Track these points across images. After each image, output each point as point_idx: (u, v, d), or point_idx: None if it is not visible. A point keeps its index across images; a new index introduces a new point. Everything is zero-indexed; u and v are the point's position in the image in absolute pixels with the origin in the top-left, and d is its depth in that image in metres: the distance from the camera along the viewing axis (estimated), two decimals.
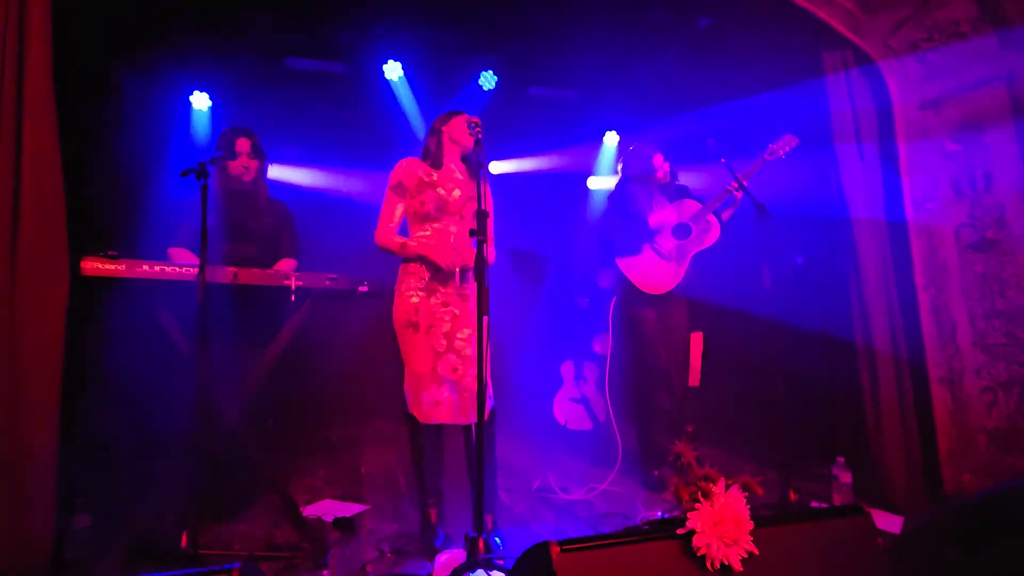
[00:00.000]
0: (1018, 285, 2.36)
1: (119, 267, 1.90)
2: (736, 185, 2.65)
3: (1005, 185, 2.41)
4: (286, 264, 2.54)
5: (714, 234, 2.78)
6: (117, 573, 1.88)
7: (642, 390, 2.92)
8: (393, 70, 3.82)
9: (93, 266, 1.86)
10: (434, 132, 2.28)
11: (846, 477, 2.40)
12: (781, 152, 2.67)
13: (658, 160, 2.94)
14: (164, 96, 3.46)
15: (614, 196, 2.99)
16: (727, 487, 1.22)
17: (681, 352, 2.94)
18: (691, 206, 2.84)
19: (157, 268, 1.94)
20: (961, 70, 2.53)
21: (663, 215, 2.88)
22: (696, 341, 3.03)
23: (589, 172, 4.56)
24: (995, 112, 2.45)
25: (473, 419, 2.08)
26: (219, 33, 3.30)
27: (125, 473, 2.42)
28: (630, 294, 2.87)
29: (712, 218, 2.78)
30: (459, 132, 2.24)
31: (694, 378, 3.00)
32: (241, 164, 2.43)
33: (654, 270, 2.82)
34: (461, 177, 2.27)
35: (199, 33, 3.25)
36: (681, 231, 2.81)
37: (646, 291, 2.81)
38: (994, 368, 2.42)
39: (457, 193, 2.22)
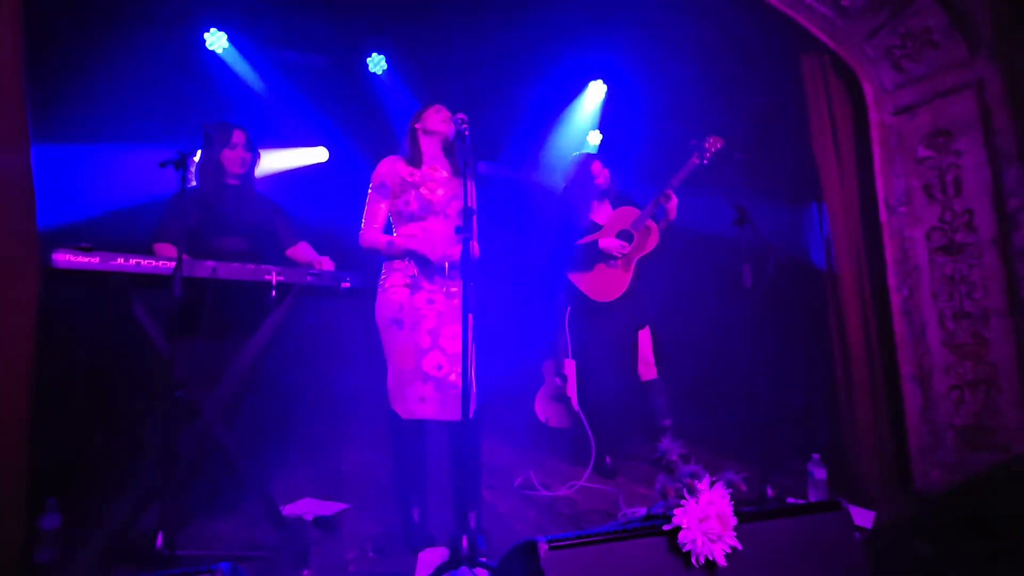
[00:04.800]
0: (985, 287, 2.44)
1: (92, 260, 1.84)
2: (669, 192, 2.83)
3: (974, 190, 2.49)
4: (304, 248, 2.54)
5: (654, 239, 2.94)
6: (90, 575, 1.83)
7: (595, 387, 3.10)
8: (377, 63, 3.79)
9: (65, 258, 1.80)
10: (409, 131, 2.30)
11: (821, 473, 2.45)
12: (708, 153, 2.81)
13: (596, 167, 3.10)
14: (144, 84, 3.36)
15: (559, 208, 3.16)
16: (712, 484, 1.24)
17: (628, 349, 3.08)
18: (631, 212, 3.00)
19: (133, 261, 1.88)
20: (933, 77, 2.61)
21: (605, 224, 3.04)
22: (644, 337, 3.12)
23: None
24: (965, 119, 2.53)
25: (457, 416, 2.08)
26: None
27: (98, 472, 2.35)
28: (582, 303, 3.05)
29: (651, 223, 2.94)
30: (432, 122, 2.25)
31: (648, 372, 3.09)
32: (238, 155, 2.42)
33: (603, 279, 2.98)
34: (444, 175, 2.27)
35: None
36: (624, 237, 2.96)
37: (596, 299, 2.98)
38: (962, 367, 2.50)
39: (441, 192, 2.23)
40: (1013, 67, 2.36)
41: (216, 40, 3.49)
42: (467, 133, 1.95)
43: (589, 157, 3.16)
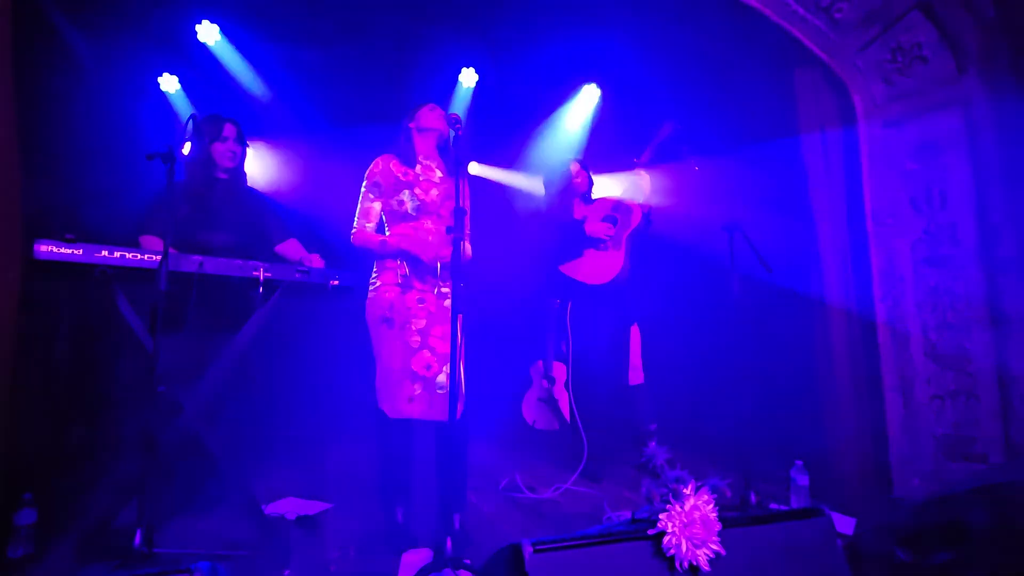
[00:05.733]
0: (968, 299, 2.48)
1: (76, 251, 1.81)
2: (639, 170, 3.01)
3: (958, 203, 2.54)
4: (294, 245, 2.51)
5: (637, 215, 3.07)
6: (65, 572, 1.79)
7: (586, 388, 3.12)
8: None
9: (48, 249, 1.77)
10: (403, 130, 2.29)
11: (803, 480, 2.48)
12: (665, 135, 2.97)
13: (575, 168, 3.22)
14: (130, 77, 3.31)
15: (543, 210, 3.26)
16: (696, 489, 1.25)
17: (621, 347, 3.13)
18: (609, 199, 3.14)
19: (117, 254, 1.85)
20: (922, 92, 2.65)
21: (587, 215, 3.14)
22: (634, 335, 3.15)
23: None
24: (952, 134, 2.57)
25: (445, 416, 2.07)
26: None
27: (77, 467, 2.31)
28: (580, 294, 3.09)
29: (631, 203, 3.07)
30: (427, 120, 2.25)
31: (636, 376, 3.11)
32: (229, 149, 2.39)
33: (597, 262, 3.06)
34: (440, 175, 2.27)
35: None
36: (609, 221, 3.08)
37: (594, 282, 3.03)
38: (943, 377, 2.54)
39: (435, 192, 2.23)
40: (1000, 85, 2.41)
41: (207, 32, 3.45)
42: (460, 132, 1.94)
43: (569, 160, 3.27)
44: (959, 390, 2.51)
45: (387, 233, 2.23)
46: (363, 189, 2.23)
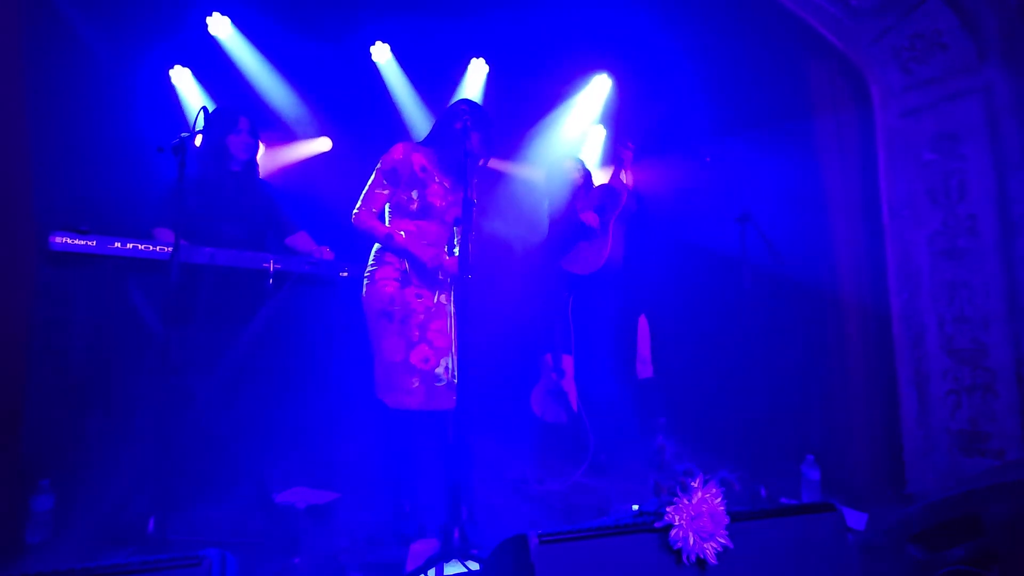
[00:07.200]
0: (986, 292, 2.43)
1: (90, 243, 1.83)
2: (629, 144, 3.13)
3: (978, 195, 2.48)
4: (304, 237, 2.55)
5: (623, 197, 3.14)
6: (80, 557, 1.83)
7: (592, 381, 3.17)
8: (381, 53, 3.76)
9: (63, 241, 1.79)
10: (445, 126, 2.19)
11: (814, 474, 2.45)
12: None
13: (572, 164, 3.31)
14: (142, 70, 3.33)
15: (545, 207, 3.35)
16: (705, 482, 1.24)
17: (627, 339, 3.20)
18: (597, 189, 3.23)
19: (130, 245, 1.88)
20: (941, 81, 2.59)
21: (583, 205, 3.23)
22: (643, 327, 3.16)
23: None
24: (971, 123, 2.51)
25: (443, 406, 2.09)
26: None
27: (92, 455, 2.35)
28: (579, 287, 3.17)
29: (618, 184, 3.14)
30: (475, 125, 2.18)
31: (645, 370, 3.12)
32: (243, 141, 2.41)
33: (588, 251, 3.14)
34: (451, 180, 2.24)
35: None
36: (600, 210, 3.15)
37: (586, 271, 3.11)
38: (959, 372, 2.50)
39: (444, 199, 2.20)
40: (1022, 72, 2.34)
41: (218, 25, 3.45)
42: (470, 124, 1.93)
43: (567, 156, 3.32)
44: (976, 385, 2.46)
45: (387, 221, 2.22)
46: (375, 173, 2.19)
